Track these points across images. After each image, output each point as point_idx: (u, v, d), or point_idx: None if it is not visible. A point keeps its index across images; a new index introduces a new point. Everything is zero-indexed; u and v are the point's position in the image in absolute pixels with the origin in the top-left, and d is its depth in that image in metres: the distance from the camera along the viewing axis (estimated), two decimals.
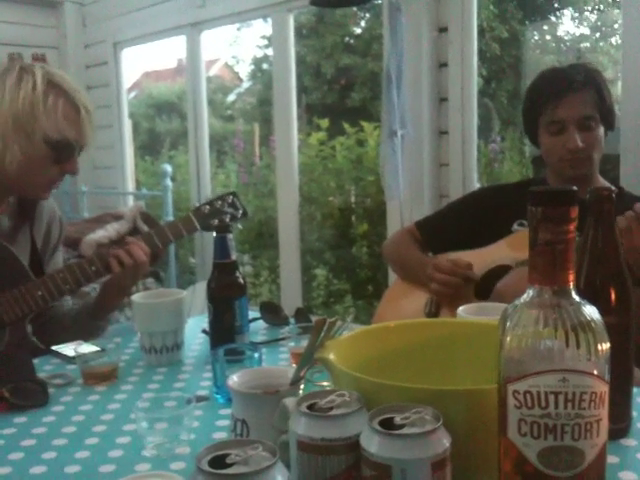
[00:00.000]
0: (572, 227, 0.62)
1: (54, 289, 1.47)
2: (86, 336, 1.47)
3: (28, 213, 1.61)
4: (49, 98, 1.45)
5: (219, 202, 1.55)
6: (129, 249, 1.49)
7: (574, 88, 1.67)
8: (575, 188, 0.62)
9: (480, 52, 2.79)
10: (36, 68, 1.47)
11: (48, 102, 1.44)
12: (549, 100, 1.69)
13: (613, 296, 0.92)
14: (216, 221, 1.54)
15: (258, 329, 1.59)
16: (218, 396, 1.14)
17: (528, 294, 0.64)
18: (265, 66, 8.84)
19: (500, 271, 1.65)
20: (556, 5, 6.15)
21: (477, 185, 2.80)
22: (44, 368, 1.35)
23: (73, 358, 1.33)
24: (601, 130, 1.70)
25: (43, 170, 1.49)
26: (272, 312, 1.66)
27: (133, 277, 1.52)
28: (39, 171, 1.48)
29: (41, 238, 1.63)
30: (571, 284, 0.63)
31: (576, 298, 0.63)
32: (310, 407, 0.73)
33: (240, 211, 1.57)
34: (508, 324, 0.64)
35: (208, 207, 1.55)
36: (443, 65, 2.77)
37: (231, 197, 1.58)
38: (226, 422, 1.03)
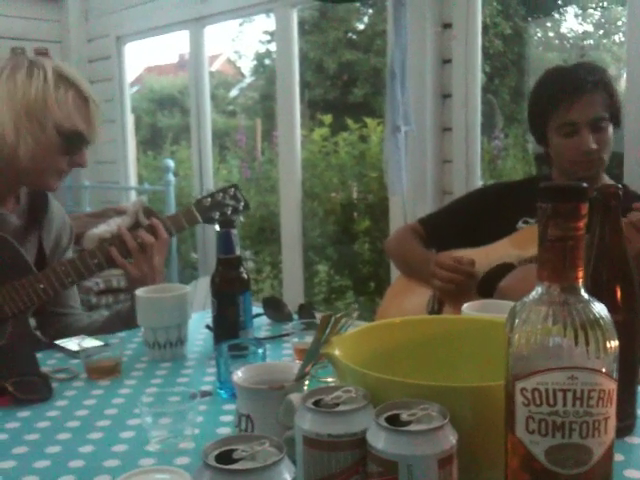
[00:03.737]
0: (582, 224, 0.61)
1: (56, 282, 1.49)
2: None
3: (38, 218, 1.61)
4: (60, 89, 1.48)
5: (220, 194, 1.56)
6: (137, 234, 1.53)
7: (587, 89, 1.66)
8: (585, 184, 0.61)
9: (483, 48, 2.78)
10: (45, 61, 1.50)
11: (59, 93, 1.47)
12: (561, 102, 1.67)
13: (619, 294, 0.91)
14: (218, 214, 1.54)
15: (261, 325, 1.59)
16: (222, 391, 1.14)
17: (537, 291, 0.63)
18: (267, 61, 8.83)
19: (503, 269, 1.64)
20: (559, 2, 6.13)
21: (480, 182, 2.80)
22: (48, 362, 1.34)
23: (77, 352, 1.33)
24: (611, 129, 1.70)
25: (54, 160, 1.51)
26: (275, 308, 1.65)
27: (149, 262, 1.53)
28: (50, 161, 1.51)
29: (50, 245, 1.64)
30: (580, 281, 0.63)
31: (585, 295, 0.63)
32: (316, 403, 0.72)
33: (242, 203, 1.57)
34: (517, 321, 0.63)
35: (209, 199, 1.55)
36: (447, 61, 2.76)
37: (233, 189, 1.58)
38: (230, 417, 1.03)
